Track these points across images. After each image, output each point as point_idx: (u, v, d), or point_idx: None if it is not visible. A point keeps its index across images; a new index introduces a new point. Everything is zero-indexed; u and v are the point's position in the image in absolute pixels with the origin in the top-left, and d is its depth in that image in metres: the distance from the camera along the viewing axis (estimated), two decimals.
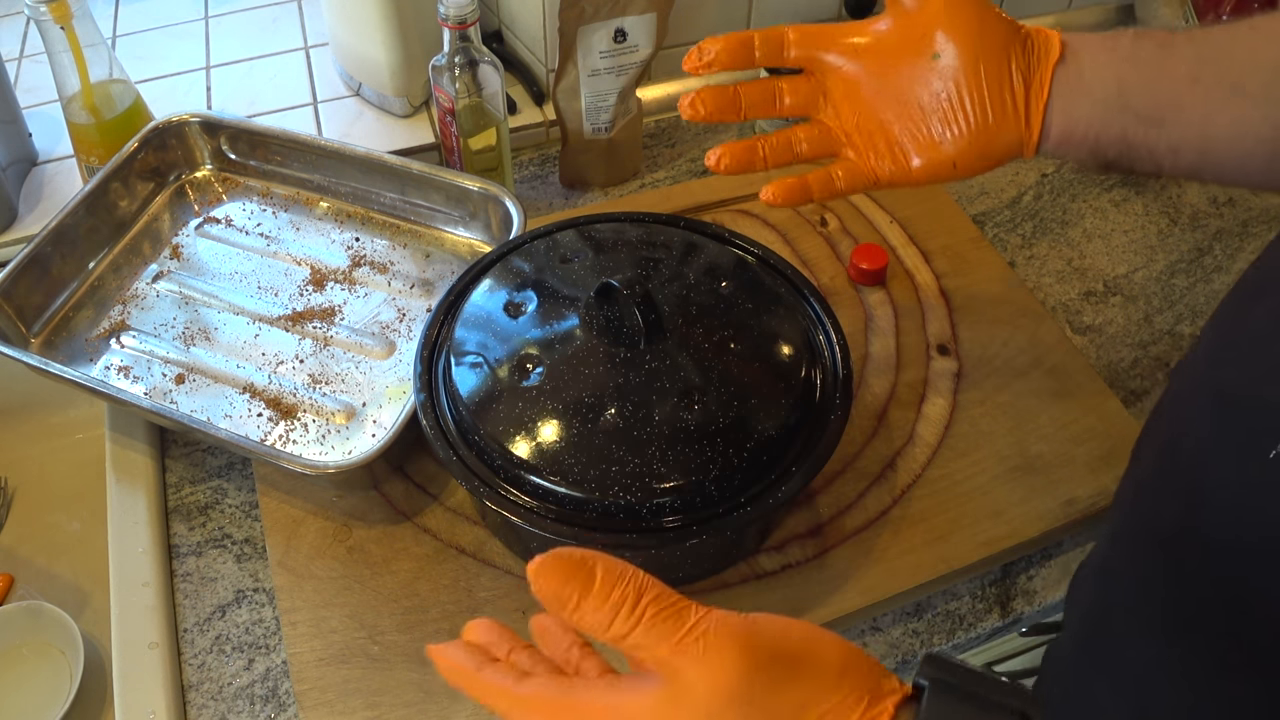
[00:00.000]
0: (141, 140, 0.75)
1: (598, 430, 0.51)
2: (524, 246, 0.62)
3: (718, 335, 0.55)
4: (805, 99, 0.49)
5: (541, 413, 0.52)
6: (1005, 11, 0.50)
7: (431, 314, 0.60)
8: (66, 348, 0.70)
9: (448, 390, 0.56)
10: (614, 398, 0.52)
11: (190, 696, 0.58)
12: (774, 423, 0.52)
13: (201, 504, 0.66)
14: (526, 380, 0.53)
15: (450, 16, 0.69)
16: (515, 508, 0.51)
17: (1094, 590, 0.52)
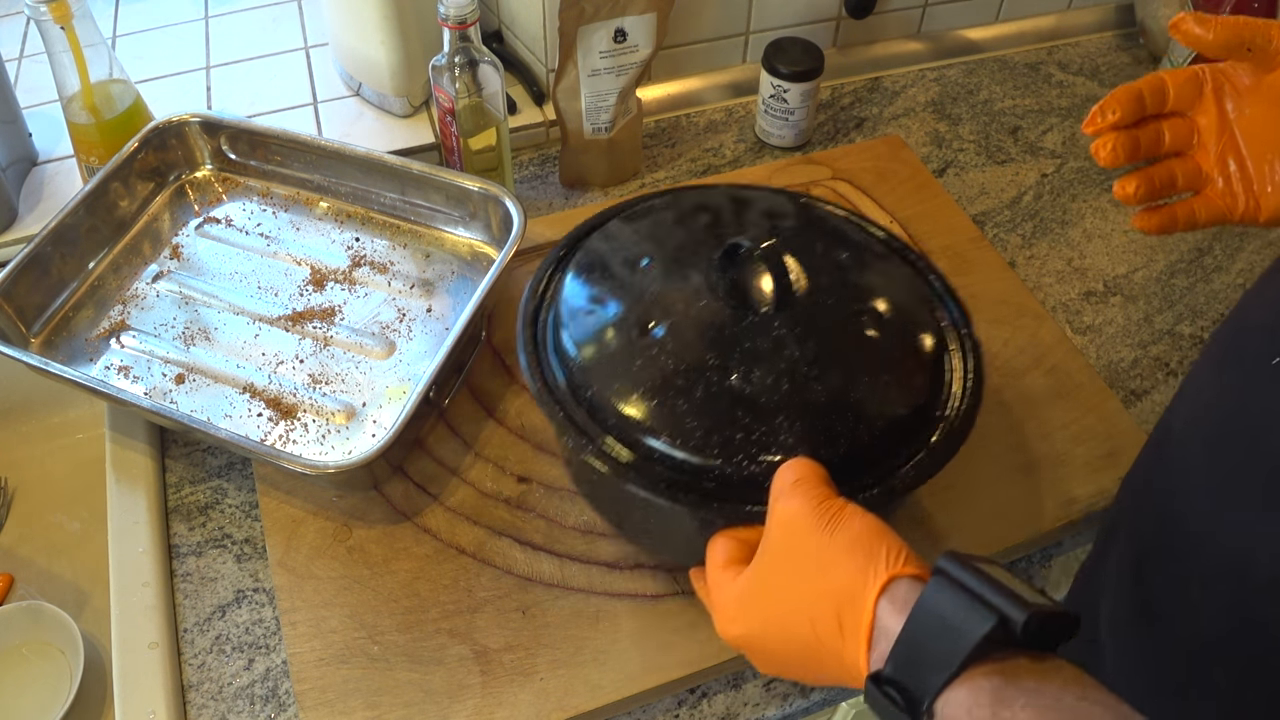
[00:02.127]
0: (141, 140, 0.75)
1: (720, 395, 0.48)
2: (633, 209, 0.60)
3: (845, 308, 0.53)
4: (1180, 138, 0.53)
5: (659, 373, 0.49)
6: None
7: (534, 276, 0.57)
8: (66, 348, 0.70)
9: (556, 348, 0.53)
10: (737, 363, 0.49)
11: (190, 696, 0.58)
12: (904, 403, 0.50)
13: (201, 504, 0.66)
14: (643, 339, 0.51)
15: (450, 16, 0.69)
16: (627, 470, 0.48)
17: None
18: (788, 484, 0.43)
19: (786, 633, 0.41)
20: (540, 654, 0.57)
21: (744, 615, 0.43)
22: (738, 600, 0.44)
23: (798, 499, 0.42)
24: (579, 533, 0.62)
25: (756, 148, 0.93)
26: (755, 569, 0.43)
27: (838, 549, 0.40)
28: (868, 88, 1.00)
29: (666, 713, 0.58)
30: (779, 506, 0.43)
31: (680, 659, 0.57)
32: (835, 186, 0.84)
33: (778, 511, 0.43)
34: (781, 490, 0.43)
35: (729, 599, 0.44)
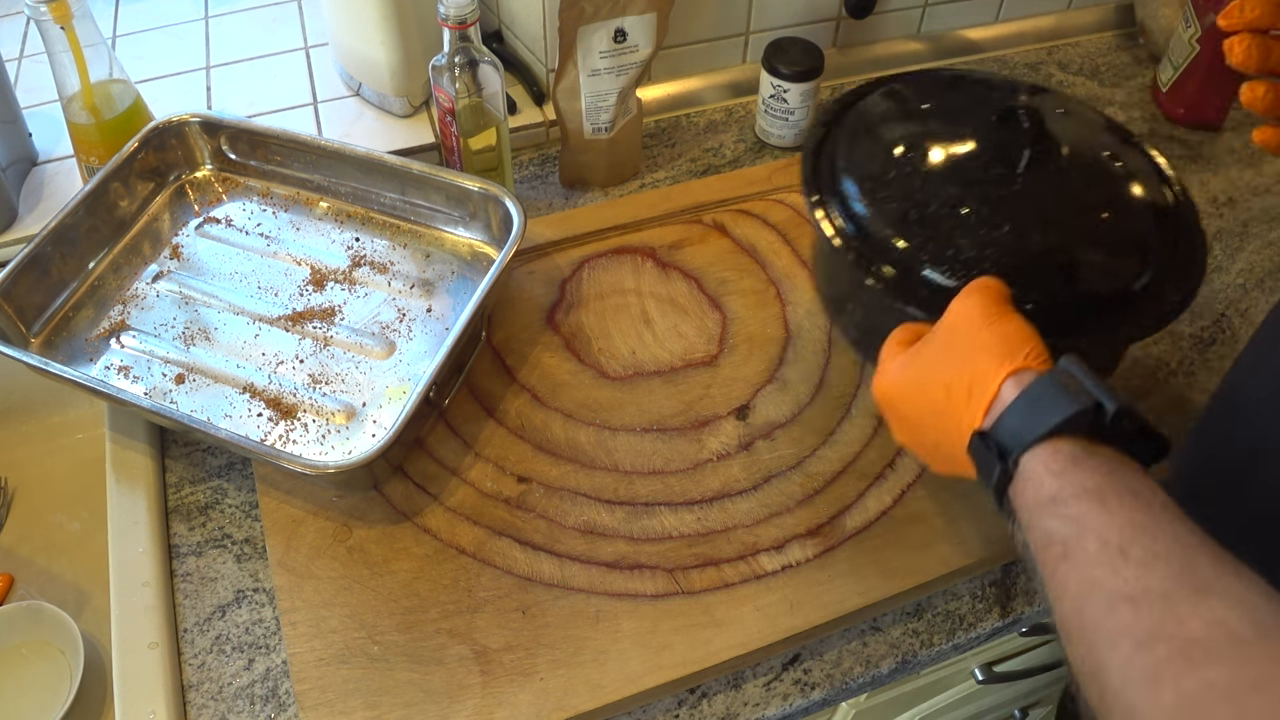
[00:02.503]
0: (141, 140, 0.75)
1: (989, 240, 0.56)
2: (907, 79, 0.68)
3: (1088, 177, 0.60)
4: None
5: (934, 216, 0.57)
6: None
7: (815, 126, 0.65)
8: (66, 348, 0.70)
9: (835, 191, 0.61)
10: (992, 209, 0.57)
11: (190, 696, 0.58)
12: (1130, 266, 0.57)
13: (201, 504, 0.66)
14: (920, 185, 0.58)
15: (450, 16, 0.69)
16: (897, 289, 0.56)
17: None
18: (972, 287, 0.49)
19: (925, 394, 0.48)
20: (540, 654, 0.57)
21: (896, 375, 0.51)
22: (897, 363, 0.51)
23: (975, 297, 0.49)
24: (579, 533, 0.62)
25: (756, 148, 0.93)
26: (920, 343, 0.50)
27: (990, 338, 0.46)
28: None
29: (666, 713, 0.58)
30: (957, 301, 0.49)
31: (680, 659, 0.57)
32: None
33: (954, 304, 0.49)
34: (965, 291, 0.49)
35: (891, 362, 0.52)
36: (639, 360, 0.72)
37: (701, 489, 0.65)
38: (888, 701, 0.83)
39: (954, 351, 0.48)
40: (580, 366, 0.71)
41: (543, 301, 0.75)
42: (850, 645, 0.62)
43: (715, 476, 0.65)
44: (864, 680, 0.61)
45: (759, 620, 0.58)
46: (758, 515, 0.63)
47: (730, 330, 0.74)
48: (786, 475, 0.65)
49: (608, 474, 0.65)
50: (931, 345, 0.50)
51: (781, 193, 0.83)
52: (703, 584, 0.60)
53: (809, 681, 0.60)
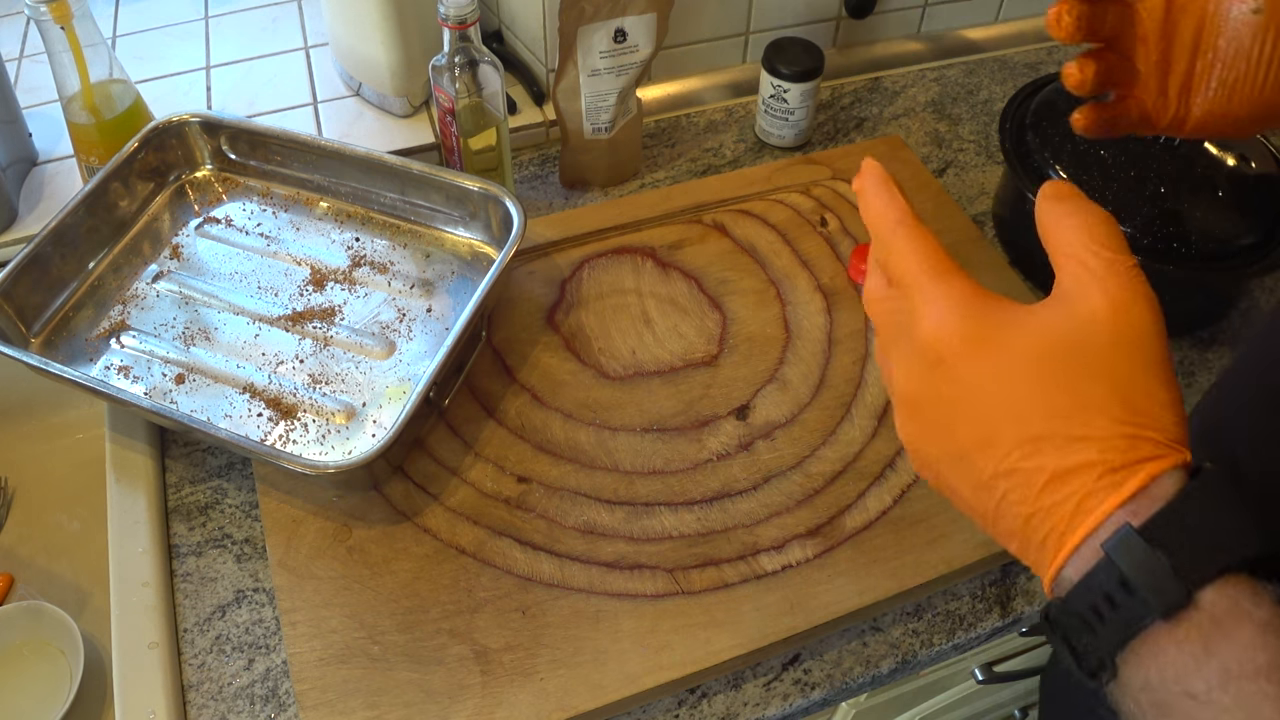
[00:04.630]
0: (141, 140, 0.75)
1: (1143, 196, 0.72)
2: None
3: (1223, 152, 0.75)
4: (1120, 27, 0.47)
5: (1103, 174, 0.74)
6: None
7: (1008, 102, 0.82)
8: (66, 348, 0.70)
9: (1020, 156, 0.78)
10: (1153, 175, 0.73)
11: (190, 696, 0.58)
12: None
13: (201, 504, 0.66)
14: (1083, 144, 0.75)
15: (450, 16, 0.69)
16: None
17: None
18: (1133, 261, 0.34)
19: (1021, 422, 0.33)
20: (540, 654, 0.57)
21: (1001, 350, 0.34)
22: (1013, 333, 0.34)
23: (1151, 297, 0.33)
24: (579, 533, 0.62)
25: (756, 148, 0.93)
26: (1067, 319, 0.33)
27: (1162, 395, 0.32)
28: (868, 88, 1.00)
29: (666, 713, 0.58)
30: (1134, 288, 0.33)
31: (680, 659, 0.57)
32: (835, 186, 0.84)
33: (1131, 293, 0.33)
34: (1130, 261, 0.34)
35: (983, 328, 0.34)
36: (639, 360, 0.72)
37: (701, 489, 0.65)
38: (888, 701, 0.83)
39: (1084, 384, 0.32)
40: (580, 366, 0.71)
41: (543, 301, 0.75)
42: (850, 645, 0.62)
43: (715, 476, 0.65)
44: (864, 680, 0.61)
45: (759, 620, 0.58)
46: (758, 515, 0.63)
47: (730, 330, 0.74)
48: (786, 475, 0.65)
49: (608, 474, 0.65)
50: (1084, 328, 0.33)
51: (781, 193, 0.83)
52: (703, 584, 0.60)
53: (809, 681, 0.60)
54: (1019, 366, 0.33)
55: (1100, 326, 0.33)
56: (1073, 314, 0.33)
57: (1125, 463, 0.31)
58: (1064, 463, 0.32)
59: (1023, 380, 0.33)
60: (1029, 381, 0.33)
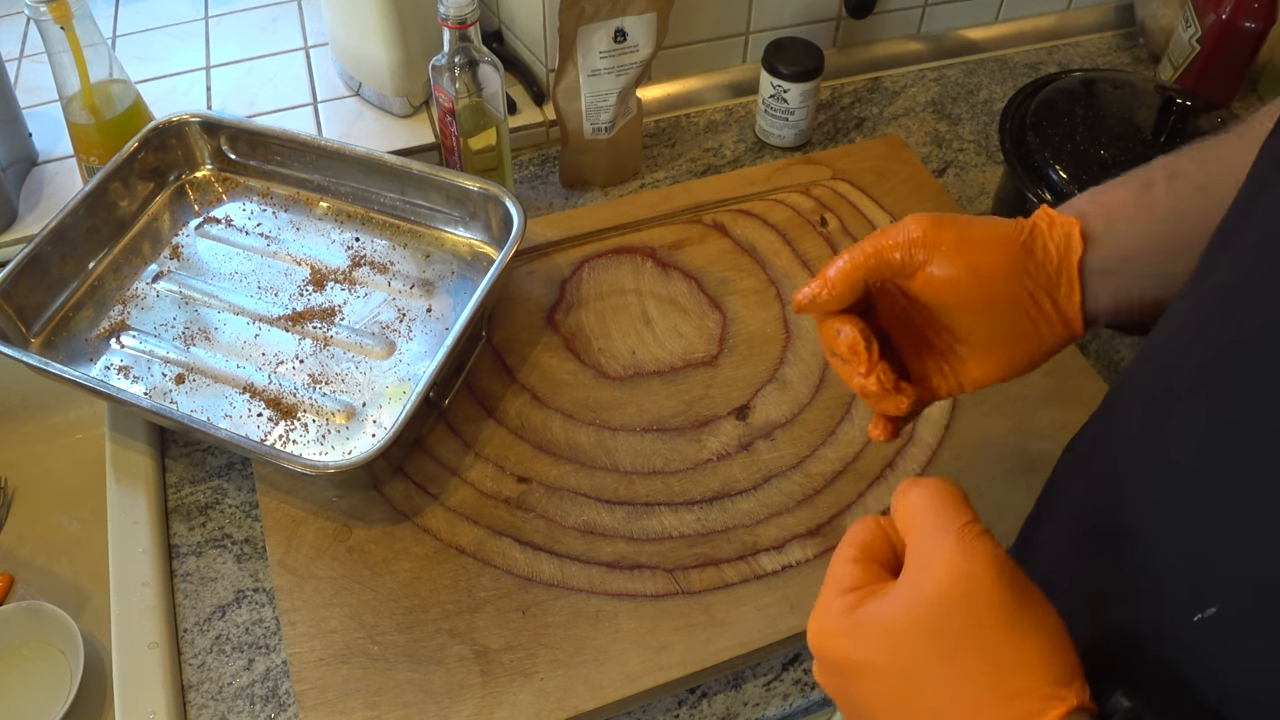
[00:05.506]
0: (141, 140, 0.75)
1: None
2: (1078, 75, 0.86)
3: None
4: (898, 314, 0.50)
5: (1086, 156, 0.76)
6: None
7: (1008, 102, 0.82)
8: (66, 348, 0.70)
9: (1020, 156, 0.78)
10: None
11: (190, 696, 0.58)
12: None
13: (201, 504, 0.66)
14: (1081, 136, 0.76)
15: (450, 16, 0.69)
16: None
17: None
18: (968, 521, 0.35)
19: (912, 708, 0.34)
20: (540, 654, 0.57)
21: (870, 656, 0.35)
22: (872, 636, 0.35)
23: (990, 551, 0.34)
24: (579, 533, 0.62)
25: (756, 148, 0.93)
26: (907, 611, 0.34)
27: (1029, 647, 0.32)
28: (868, 88, 1.00)
29: (666, 713, 0.58)
30: (963, 551, 0.34)
31: (680, 659, 0.57)
32: (835, 186, 0.84)
33: (959, 558, 0.34)
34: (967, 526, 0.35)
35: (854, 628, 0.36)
36: (639, 360, 0.72)
37: (701, 489, 0.65)
38: None
39: (967, 651, 0.33)
40: (580, 366, 0.71)
41: (543, 301, 0.75)
42: None
43: (715, 476, 0.65)
44: None
45: (759, 620, 0.58)
46: (758, 515, 0.63)
47: (730, 330, 0.74)
48: (786, 475, 0.65)
49: (608, 474, 0.65)
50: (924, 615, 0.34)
51: (781, 193, 0.83)
52: (703, 584, 0.60)
53: (809, 681, 0.60)
54: (888, 660, 0.34)
55: (947, 601, 0.33)
56: (921, 595, 0.34)
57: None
58: None
59: (896, 670, 0.34)
60: (901, 673, 0.34)
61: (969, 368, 0.49)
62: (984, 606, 0.33)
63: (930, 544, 0.35)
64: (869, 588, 0.37)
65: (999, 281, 0.46)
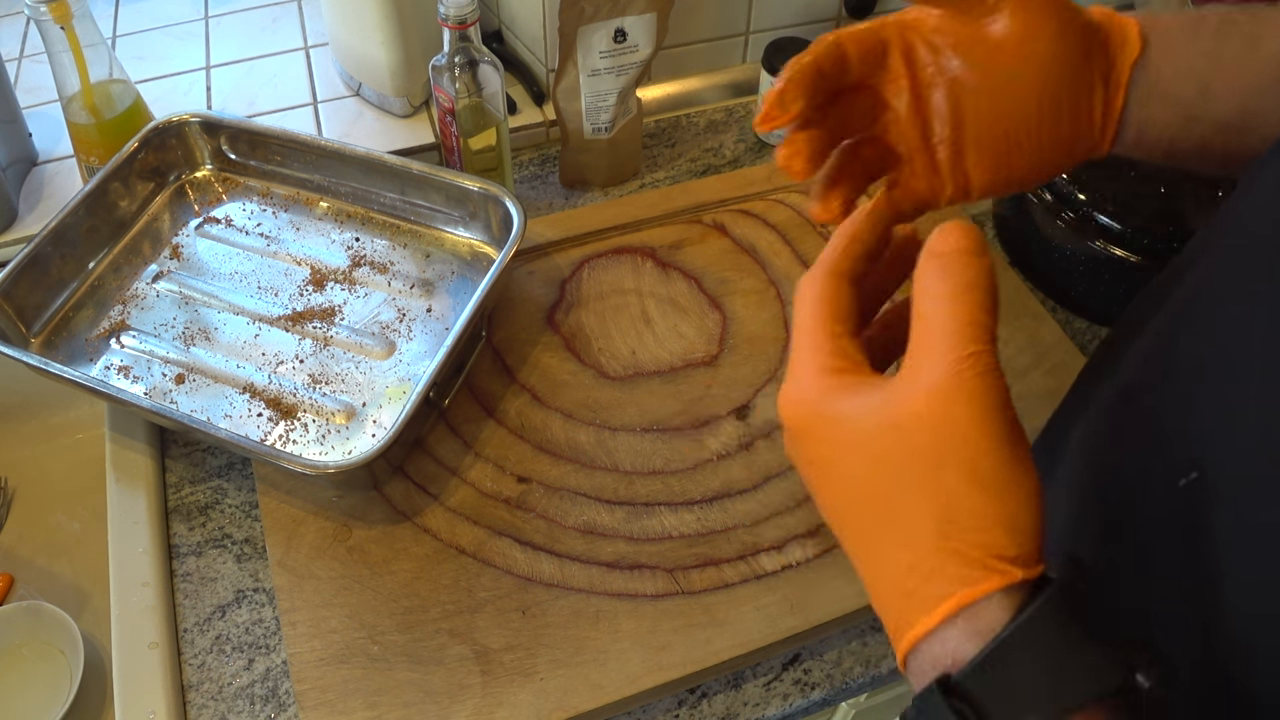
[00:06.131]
0: (141, 140, 0.75)
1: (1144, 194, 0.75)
2: None
3: None
4: (867, 118, 0.43)
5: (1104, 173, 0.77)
6: None
7: None
8: (66, 348, 0.70)
9: None
10: (1159, 178, 0.75)
11: (190, 696, 0.58)
12: None
13: (201, 504, 0.66)
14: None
15: (450, 16, 0.69)
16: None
17: None
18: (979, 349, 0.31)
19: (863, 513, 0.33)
20: (540, 654, 0.57)
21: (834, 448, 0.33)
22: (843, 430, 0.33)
23: (989, 386, 0.31)
24: (579, 533, 0.62)
25: (756, 148, 0.93)
26: (887, 415, 0.32)
27: (989, 495, 0.30)
28: None
29: (666, 713, 0.58)
30: (956, 375, 0.30)
31: (680, 659, 0.57)
32: None
33: (949, 380, 0.30)
34: (974, 355, 0.31)
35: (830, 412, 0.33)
36: (639, 360, 0.72)
37: (701, 489, 0.65)
38: (888, 701, 0.83)
39: (929, 481, 0.31)
40: (580, 366, 0.71)
41: (543, 301, 0.75)
42: (850, 645, 0.62)
43: (715, 476, 0.65)
44: (864, 680, 0.61)
45: (759, 620, 0.58)
46: (758, 515, 0.63)
47: (730, 330, 0.74)
48: (786, 475, 0.65)
49: (608, 474, 0.65)
50: (900, 429, 0.31)
51: (781, 193, 0.83)
52: (703, 584, 0.60)
53: (809, 681, 0.60)
54: (850, 463, 0.33)
55: (919, 433, 0.31)
56: (897, 411, 0.31)
57: (932, 591, 0.30)
58: (883, 576, 0.32)
59: (854, 477, 0.33)
60: (858, 480, 0.32)
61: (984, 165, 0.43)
62: (952, 453, 0.30)
63: (928, 360, 0.31)
64: (848, 378, 0.34)
65: (1065, 53, 0.40)
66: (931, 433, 0.31)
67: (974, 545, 0.30)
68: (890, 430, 0.31)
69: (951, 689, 0.29)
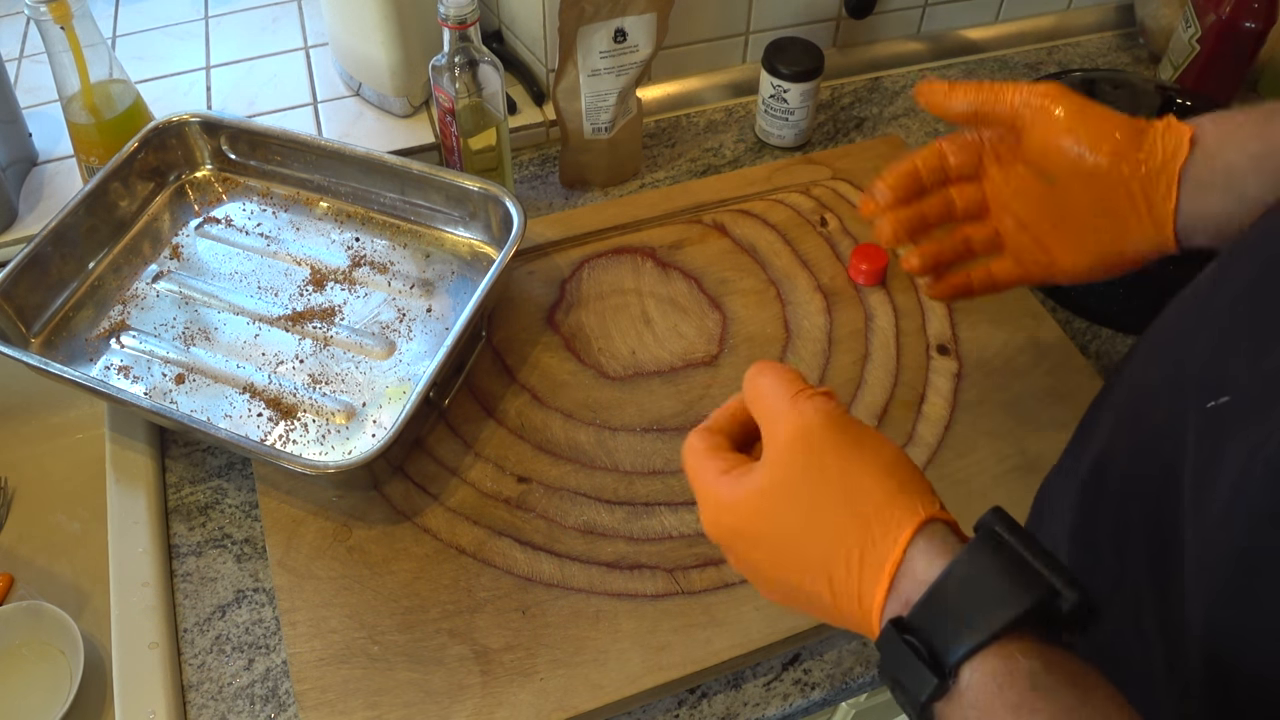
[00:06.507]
0: (141, 140, 0.75)
1: None
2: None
3: None
4: (972, 203, 0.53)
5: None
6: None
7: None
8: (66, 348, 0.70)
9: None
10: None
11: (190, 696, 0.58)
12: None
13: (201, 504, 0.66)
14: None
15: (450, 16, 0.69)
16: None
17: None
18: (799, 390, 0.39)
19: (797, 556, 0.38)
20: (540, 654, 0.57)
21: (747, 524, 0.39)
22: (740, 506, 0.39)
23: (819, 405, 0.38)
24: (579, 533, 0.62)
25: (756, 148, 0.93)
26: (767, 475, 0.38)
27: (868, 472, 0.37)
28: (868, 88, 1.00)
29: (666, 713, 0.58)
30: (796, 410, 0.38)
31: (680, 659, 0.57)
32: (835, 186, 0.84)
33: (794, 416, 0.38)
34: (790, 393, 0.39)
35: (727, 501, 0.40)
36: (639, 360, 0.72)
37: None
38: (888, 701, 0.83)
39: (822, 490, 0.37)
40: (580, 366, 0.71)
41: (543, 301, 0.75)
42: (850, 645, 0.62)
43: None
44: (864, 680, 0.61)
45: (759, 620, 0.58)
46: None
47: (730, 330, 0.74)
48: None
49: (608, 474, 0.65)
50: (783, 476, 0.38)
51: (781, 193, 0.83)
52: (703, 584, 0.60)
53: (809, 681, 0.60)
54: (771, 521, 0.39)
55: (793, 454, 0.38)
56: (774, 457, 0.39)
57: (871, 566, 0.36)
58: (839, 591, 0.37)
59: (779, 529, 0.38)
60: (781, 529, 0.38)
61: (1060, 253, 0.51)
62: (822, 453, 0.37)
63: (772, 415, 0.40)
64: (736, 469, 0.40)
65: (1104, 159, 0.47)
66: (803, 451, 0.38)
67: (884, 502, 0.36)
68: (779, 473, 0.38)
69: (903, 626, 0.34)
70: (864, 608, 0.36)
